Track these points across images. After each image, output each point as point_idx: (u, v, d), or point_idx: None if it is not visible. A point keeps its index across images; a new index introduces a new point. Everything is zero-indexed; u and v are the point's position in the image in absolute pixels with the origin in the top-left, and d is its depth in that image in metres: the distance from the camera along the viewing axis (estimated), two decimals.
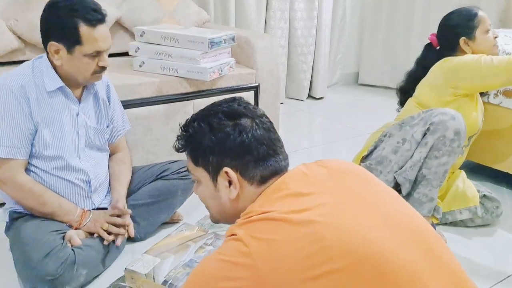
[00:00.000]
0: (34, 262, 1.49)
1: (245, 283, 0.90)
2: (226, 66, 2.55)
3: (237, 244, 0.94)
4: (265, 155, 1.06)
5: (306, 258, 0.89)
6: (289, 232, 0.92)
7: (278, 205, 0.99)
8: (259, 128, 1.07)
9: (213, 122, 1.07)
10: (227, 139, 1.05)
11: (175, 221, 2.01)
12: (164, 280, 1.43)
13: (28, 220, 1.63)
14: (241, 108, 1.11)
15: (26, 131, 1.59)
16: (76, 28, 1.56)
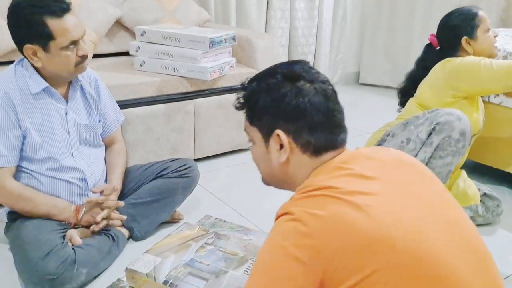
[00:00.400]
0: (35, 261, 1.49)
1: (309, 266, 0.85)
2: (226, 65, 2.55)
3: (294, 224, 0.89)
4: (320, 124, 1.01)
5: (361, 246, 0.85)
6: (350, 213, 0.87)
7: (341, 182, 0.94)
8: (318, 94, 1.01)
9: (271, 82, 1.04)
10: (282, 101, 1.01)
11: (176, 221, 2.01)
12: (165, 279, 1.43)
13: (28, 220, 1.63)
14: (302, 71, 1.05)
15: (13, 138, 1.58)
16: (43, 24, 1.52)
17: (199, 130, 2.58)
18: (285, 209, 0.94)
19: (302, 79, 1.03)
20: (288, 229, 0.90)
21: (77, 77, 1.73)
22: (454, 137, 1.79)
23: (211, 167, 2.60)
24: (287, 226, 0.90)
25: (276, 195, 2.33)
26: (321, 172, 1.01)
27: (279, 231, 0.92)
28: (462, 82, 1.94)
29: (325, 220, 0.87)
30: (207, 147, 2.64)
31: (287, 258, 0.87)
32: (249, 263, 1.50)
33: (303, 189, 0.97)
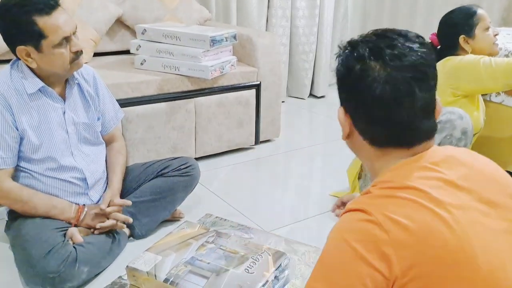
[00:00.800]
0: (36, 260, 1.49)
1: (380, 273, 0.78)
2: (227, 64, 2.55)
3: (371, 227, 0.80)
4: (378, 118, 0.89)
5: (445, 272, 0.78)
6: (441, 232, 0.79)
7: (430, 187, 0.83)
8: (385, 83, 0.86)
9: (346, 54, 0.94)
10: (346, 75, 0.92)
11: (177, 219, 2.01)
12: (165, 277, 1.43)
13: (28, 218, 1.63)
14: (387, 46, 0.89)
15: (10, 140, 1.58)
16: (33, 23, 1.50)
17: (199, 128, 2.58)
18: (360, 205, 0.85)
19: (376, 58, 0.88)
20: (362, 231, 0.81)
21: (73, 75, 1.72)
22: (455, 136, 1.79)
23: (211, 166, 2.60)
24: (361, 227, 0.82)
25: (276, 194, 2.35)
26: (404, 167, 0.89)
27: (351, 230, 0.83)
28: (461, 80, 1.94)
29: (412, 233, 0.79)
30: (207, 145, 2.64)
31: (358, 261, 0.80)
32: (250, 261, 1.50)
33: (383, 184, 0.88)
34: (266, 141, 2.97)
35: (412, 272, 0.78)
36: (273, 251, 1.56)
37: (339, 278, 0.81)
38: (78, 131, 1.74)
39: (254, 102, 2.76)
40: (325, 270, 0.85)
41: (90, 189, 1.77)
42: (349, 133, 0.95)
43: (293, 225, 2.03)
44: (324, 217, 2.09)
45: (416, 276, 0.78)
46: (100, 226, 1.69)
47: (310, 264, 1.74)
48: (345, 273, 0.81)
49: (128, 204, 1.76)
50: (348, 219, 0.86)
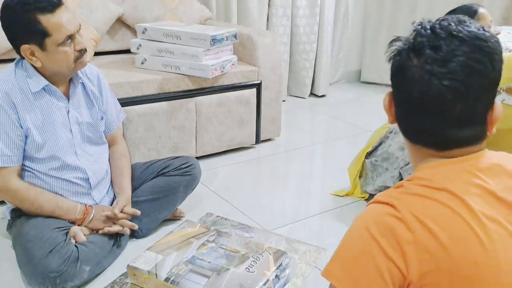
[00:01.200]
0: (37, 259, 1.49)
1: (397, 272, 0.77)
2: (228, 63, 2.55)
3: (397, 224, 0.79)
4: (411, 114, 0.85)
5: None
6: (474, 251, 0.76)
7: (472, 196, 0.80)
8: (419, 82, 0.81)
9: (396, 44, 0.89)
10: (392, 66, 0.88)
11: (177, 218, 2.01)
12: (166, 276, 1.43)
13: (30, 218, 1.63)
14: (434, 39, 0.82)
15: (15, 138, 1.58)
16: (36, 21, 1.50)
17: (200, 128, 2.58)
18: (390, 199, 0.83)
19: (417, 55, 0.83)
20: (387, 226, 0.80)
21: (78, 74, 1.72)
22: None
23: (212, 165, 2.60)
24: (388, 222, 0.80)
25: (277, 193, 2.35)
26: (447, 166, 0.84)
27: (377, 222, 0.81)
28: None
29: (438, 239, 0.77)
30: (208, 145, 2.64)
31: (379, 253, 0.79)
32: (250, 260, 1.50)
33: (420, 180, 0.84)
34: (267, 140, 2.97)
35: (430, 277, 0.77)
36: (273, 250, 1.56)
37: (358, 267, 0.81)
38: (81, 130, 1.74)
39: (254, 101, 2.76)
40: (344, 257, 0.84)
41: (93, 189, 1.77)
42: (394, 120, 0.93)
43: (294, 224, 2.03)
44: (325, 216, 2.09)
45: (434, 282, 0.77)
46: (107, 230, 1.69)
47: (311, 263, 1.74)
48: (364, 262, 0.80)
49: (137, 214, 1.77)
50: (375, 211, 0.84)
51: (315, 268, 1.72)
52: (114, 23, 2.76)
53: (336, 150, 2.87)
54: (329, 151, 2.88)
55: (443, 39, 0.81)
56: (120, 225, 1.72)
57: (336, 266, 0.84)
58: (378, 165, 1.99)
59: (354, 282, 0.81)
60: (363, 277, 0.80)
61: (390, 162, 1.94)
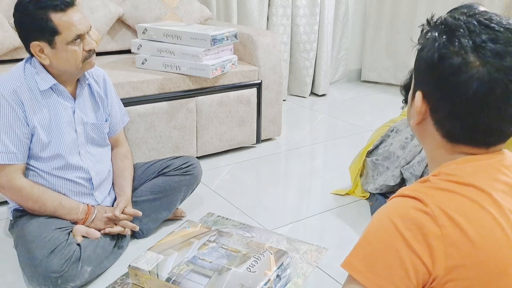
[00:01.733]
0: (39, 259, 1.49)
1: (421, 266, 0.77)
2: (228, 63, 2.55)
3: (424, 218, 0.78)
4: (462, 114, 0.81)
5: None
6: (495, 237, 0.77)
7: (499, 192, 0.79)
8: (474, 77, 0.78)
9: (431, 31, 0.85)
10: (427, 60, 0.84)
11: (178, 218, 2.02)
12: (167, 276, 1.44)
13: (33, 218, 1.63)
14: (474, 25, 0.80)
15: (21, 136, 1.59)
16: (48, 19, 1.52)
17: (201, 127, 2.58)
18: (416, 193, 0.81)
19: (477, 53, 0.78)
20: (414, 220, 0.78)
21: (85, 75, 1.73)
22: None
23: (213, 165, 2.60)
24: (414, 216, 0.78)
25: (278, 192, 2.35)
26: (474, 162, 0.84)
27: (402, 216, 0.79)
28: None
29: (466, 234, 0.77)
30: (209, 144, 2.64)
31: (403, 247, 0.77)
32: (252, 260, 1.50)
33: (447, 176, 0.83)
34: (268, 139, 2.98)
35: (457, 272, 0.76)
36: (274, 250, 1.56)
37: (381, 260, 0.79)
38: (86, 131, 1.75)
39: (255, 101, 2.76)
40: (366, 250, 0.82)
41: (95, 189, 1.78)
42: (422, 121, 0.88)
43: (295, 224, 2.03)
44: (326, 216, 2.10)
45: (460, 277, 0.77)
46: (109, 231, 1.70)
47: (312, 263, 1.74)
48: (388, 256, 0.78)
49: (139, 215, 1.77)
50: (401, 204, 0.82)
51: (316, 268, 1.72)
52: (114, 23, 2.76)
53: (336, 149, 2.87)
54: (329, 151, 2.89)
55: (498, 31, 0.79)
56: (121, 226, 1.73)
57: (357, 259, 0.82)
58: (379, 164, 1.99)
59: (376, 275, 0.79)
60: (386, 271, 0.78)
61: (391, 161, 1.94)
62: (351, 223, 2.02)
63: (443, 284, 0.77)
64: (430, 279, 0.78)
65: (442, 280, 0.77)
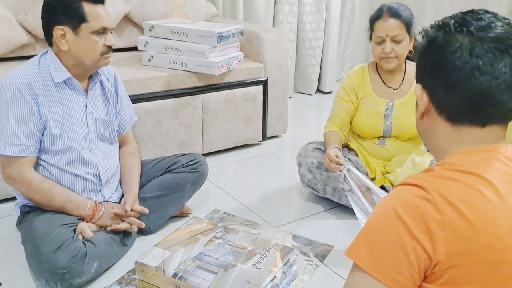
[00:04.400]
0: (46, 255, 1.50)
1: (422, 253, 0.78)
2: (234, 60, 2.55)
3: (425, 205, 0.79)
4: (457, 85, 0.85)
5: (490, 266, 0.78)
6: (497, 224, 0.78)
7: (497, 178, 0.81)
8: (465, 50, 0.84)
9: (429, 29, 0.91)
10: (425, 52, 0.91)
11: (185, 215, 2.02)
12: (174, 272, 1.44)
13: (40, 214, 1.64)
14: (465, 19, 0.86)
15: (34, 128, 1.60)
16: (80, 7, 1.59)
17: (207, 124, 2.59)
18: (419, 181, 0.83)
19: (461, 28, 0.86)
20: (415, 207, 0.80)
21: (97, 72, 1.76)
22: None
23: (219, 162, 2.61)
24: (416, 203, 0.80)
25: (284, 190, 2.35)
26: (477, 154, 0.86)
27: (404, 203, 0.81)
28: None
29: (467, 220, 0.78)
30: (215, 141, 2.65)
31: (405, 233, 0.79)
32: (258, 257, 1.50)
33: (450, 165, 0.85)
34: (273, 137, 2.98)
35: (458, 258, 0.78)
36: (280, 247, 1.57)
37: (383, 247, 0.81)
38: (96, 126, 1.77)
39: (261, 98, 2.76)
40: (369, 237, 0.84)
41: (103, 186, 1.79)
42: (425, 111, 0.92)
43: (301, 221, 2.03)
44: (331, 213, 2.10)
45: (461, 264, 0.78)
46: (115, 227, 1.70)
47: (318, 260, 1.74)
48: (390, 243, 0.80)
49: (145, 212, 1.77)
50: (403, 192, 0.84)
51: (322, 265, 1.72)
52: (121, 20, 2.76)
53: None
54: None
55: (482, 13, 0.87)
56: (128, 223, 1.73)
57: (361, 246, 0.84)
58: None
59: (378, 262, 0.80)
60: (388, 258, 0.80)
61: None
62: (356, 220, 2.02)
63: (445, 270, 0.78)
64: (431, 265, 0.79)
65: (444, 266, 0.78)
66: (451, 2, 3.60)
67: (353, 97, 2.11)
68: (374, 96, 2.08)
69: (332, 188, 2.06)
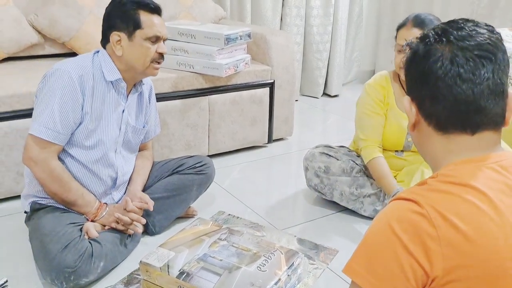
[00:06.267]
0: (53, 254, 1.51)
1: (419, 269, 0.78)
2: (241, 62, 2.56)
3: (419, 220, 0.79)
4: (441, 95, 0.86)
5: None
6: (494, 237, 0.77)
7: (491, 188, 0.81)
8: (447, 59, 0.86)
9: (415, 42, 0.93)
10: (411, 63, 0.93)
11: (190, 216, 2.03)
12: (178, 273, 1.45)
13: (49, 212, 1.66)
14: (448, 28, 0.88)
15: (72, 119, 1.63)
16: (137, 14, 1.67)
17: (213, 126, 2.60)
18: (413, 196, 0.83)
19: (441, 38, 0.88)
20: (410, 222, 0.80)
21: (141, 82, 1.82)
22: None
23: (225, 164, 2.61)
24: (410, 218, 0.80)
25: (289, 192, 2.35)
26: (470, 164, 0.86)
27: (399, 219, 0.81)
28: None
29: (463, 234, 0.77)
30: (221, 143, 2.66)
31: (401, 250, 0.79)
32: (262, 259, 1.50)
33: (444, 177, 0.85)
34: (279, 139, 2.98)
35: (456, 273, 0.77)
36: (285, 250, 1.57)
37: (380, 264, 0.81)
38: (127, 131, 1.81)
39: (267, 100, 2.77)
40: (366, 254, 0.84)
41: (115, 189, 1.82)
42: (415, 122, 0.93)
43: (306, 224, 2.03)
44: (337, 216, 2.10)
45: (459, 278, 0.77)
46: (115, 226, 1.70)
47: (323, 264, 1.74)
48: (387, 259, 0.80)
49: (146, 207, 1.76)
50: (398, 207, 0.84)
51: (327, 269, 1.72)
52: None
53: None
54: None
55: (463, 23, 0.88)
56: (127, 219, 1.71)
57: (358, 263, 0.84)
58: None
59: (376, 279, 0.80)
60: (385, 274, 0.80)
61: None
62: (362, 224, 2.02)
63: (442, 285, 0.78)
64: (428, 280, 0.78)
65: (441, 281, 0.78)
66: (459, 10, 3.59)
67: (381, 110, 2.01)
68: (397, 110, 2.00)
69: (340, 193, 2.05)
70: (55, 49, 2.60)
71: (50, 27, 2.48)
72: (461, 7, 3.58)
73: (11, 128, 2.01)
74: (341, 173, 2.04)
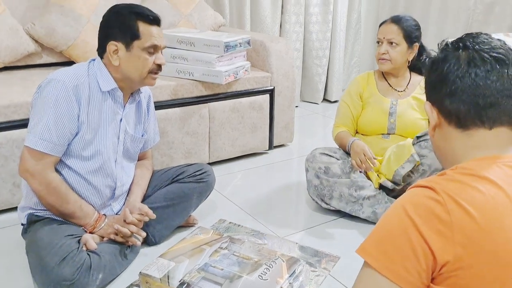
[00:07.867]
0: (50, 267, 1.48)
1: (429, 252, 0.80)
2: (241, 69, 2.55)
3: (434, 205, 0.82)
4: (460, 90, 0.93)
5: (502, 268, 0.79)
6: (508, 227, 0.79)
7: (508, 183, 0.84)
8: (463, 60, 0.94)
9: (436, 53, 1.01)
10: (431, 69, 1.00)
11: (190, 225, 2.01)
12: (179, 284, 1.43)
13: (46, 224, 1.63)
14: (464, 38, 0.97)
15: (68, 130, 1.61)
16: (135, 25, 1.64)
17: (213, 133, 2.58)
18: (430, 183, 0.86)
19: (459, 46, 0.96)
20: (425, 207, 0.82)
21: (139, 90, 1.80)
22: None
23: (225, 171, 2.60)
24: (425, 203, 0.83)
25: (290, 199, 2.33)
26: (488, 160, 0.90)
27: (414, 203, 0.84)
28: None
29: (476, 222, 0.79)
30: (221, 150, 2.64)
31: (413, 230, 0.81)
32: (264, 267, 1.49)
33: (463, 169, 0.88)
34: (280, 146, 2.97)
35: (466, 260, 0.79)
36: (287, 257, 1.55)
37: (392, 244, 0.83)
38: (125, 141, 1.79)
39: (267, 107, 2.75)
40: (379, 235, 0.87)
41: (114, 200, 1.80)
42: (436, 125, 0.98)
43: (307, 231, 2.01)
44: (338, 223, 2.08)
45: (469, 265, 0.79)
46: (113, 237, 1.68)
47: (324, 271, 1.72)
48: (399, 240, 0.82)
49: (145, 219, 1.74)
50: (414, 194, 0.87)
51: (329, 276, 1.70)
52: None
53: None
54: None
55: (478, 35, 0.97)
56: (126, 231, 1.69)
57: (370, 244, 0.87)
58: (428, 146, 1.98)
59: (387, 259, 0.82)
60: (397, 255, 0.82)
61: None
62: (364, 230, 2.00)
63: (452, 271, 0.80)
64: (437, 265, 0.80)
65: (452, 267, 0.80)
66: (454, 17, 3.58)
67: (357, 101, 2.21)
68: (379, 96, 2.18)
69: (339, 194, 2.06)
70: (53, 58, 2.59)
71: (47, 36, 2.47)
72: (457, 14, 3.57)
73: (7, 138, 2.00)
74: (341, 173, 2.06)
